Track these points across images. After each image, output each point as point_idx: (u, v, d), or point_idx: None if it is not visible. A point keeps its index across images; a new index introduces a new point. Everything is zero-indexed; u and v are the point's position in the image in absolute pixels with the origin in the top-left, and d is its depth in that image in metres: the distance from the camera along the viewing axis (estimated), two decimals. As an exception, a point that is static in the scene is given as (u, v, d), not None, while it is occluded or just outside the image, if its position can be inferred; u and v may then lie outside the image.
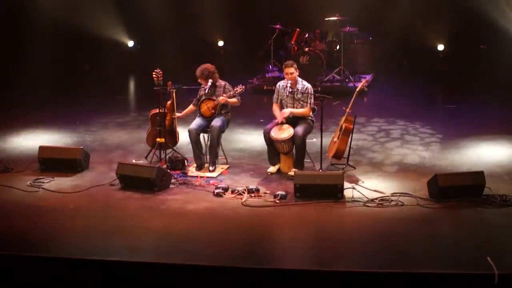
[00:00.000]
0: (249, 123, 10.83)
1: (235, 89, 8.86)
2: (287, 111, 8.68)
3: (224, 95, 8.82)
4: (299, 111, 8.70)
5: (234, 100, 8.89)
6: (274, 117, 8.83)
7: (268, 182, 8.42)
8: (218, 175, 8.64)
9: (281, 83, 8.91)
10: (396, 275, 6.06)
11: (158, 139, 8.96)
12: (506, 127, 10.47)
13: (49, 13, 15.07)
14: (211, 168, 8.72)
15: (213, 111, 8.86)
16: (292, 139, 8.51)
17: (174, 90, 8.98)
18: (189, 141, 8.80)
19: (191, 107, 9.18)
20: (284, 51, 14.26)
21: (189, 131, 8.77)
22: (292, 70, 8.65)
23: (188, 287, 6.25)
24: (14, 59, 14.67)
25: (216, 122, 8.77)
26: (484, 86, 13.10)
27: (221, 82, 8.97)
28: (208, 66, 8.92)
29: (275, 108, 8.89)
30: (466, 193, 7.67)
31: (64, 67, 14.79)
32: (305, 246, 6.83)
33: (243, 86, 8.93)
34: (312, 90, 8.77)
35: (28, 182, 8.31)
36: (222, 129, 8.83)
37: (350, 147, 8.80)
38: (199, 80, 8.94)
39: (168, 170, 8.49)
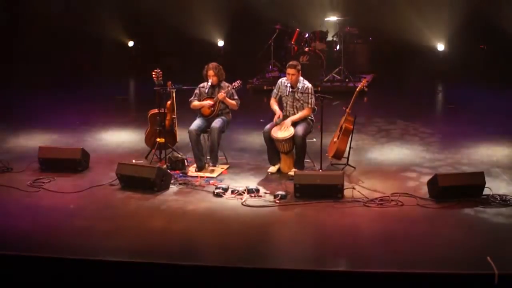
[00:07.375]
0: (249, 123, 10.81)
1: (233, 84, 8.83)
2: (289, 123, 8.61)
3: (222, 91, 8.80)
4: (298, 116, 8.67)
5: (233, 102, 8.87)
6: (274, 116, 8.81)
7: (268, 182, 8.41)
8: (218, 175, 8.64)
9: (283, 80, 8.89)
10: (396, 275, 6.05)
11: (158, 139, 8.96)
12: (506, 127, 10.47)
13: (49, 12, 15.07)
14: (211, 169, 8.72)
15: (212, 108, 8.85)
16: (293, 138, 8.50)
17: (174, 90, 8.98)
18: (189, 142, 8.80)
19: (196, 103, 8.96)
20: (284, 51, 14.26)
21: (189, 132, 8.75)
22: (293, 72, 8.62)
23: (188, 287, 6.25)
24: (14, 58, 14.67)
25: (216, 123, 8.76)
26: (483, 86, 13.10)
27: (226, 84, 8.95)
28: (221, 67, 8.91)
29: (273, 102, 8.86)
30: (466, 193, 7.66)
31: (64, 67, 14.78)
32: (305, 246, 6.82)
33: (240, 81, 8.91)
34: (313, 90, 8.76)
35: (28, 182, 8.31)
36: (222, 130, 8.82)
37: (350, 147, 8.80)
38: (209, 74, 8.82)
39: (168, 170, 8.49)
